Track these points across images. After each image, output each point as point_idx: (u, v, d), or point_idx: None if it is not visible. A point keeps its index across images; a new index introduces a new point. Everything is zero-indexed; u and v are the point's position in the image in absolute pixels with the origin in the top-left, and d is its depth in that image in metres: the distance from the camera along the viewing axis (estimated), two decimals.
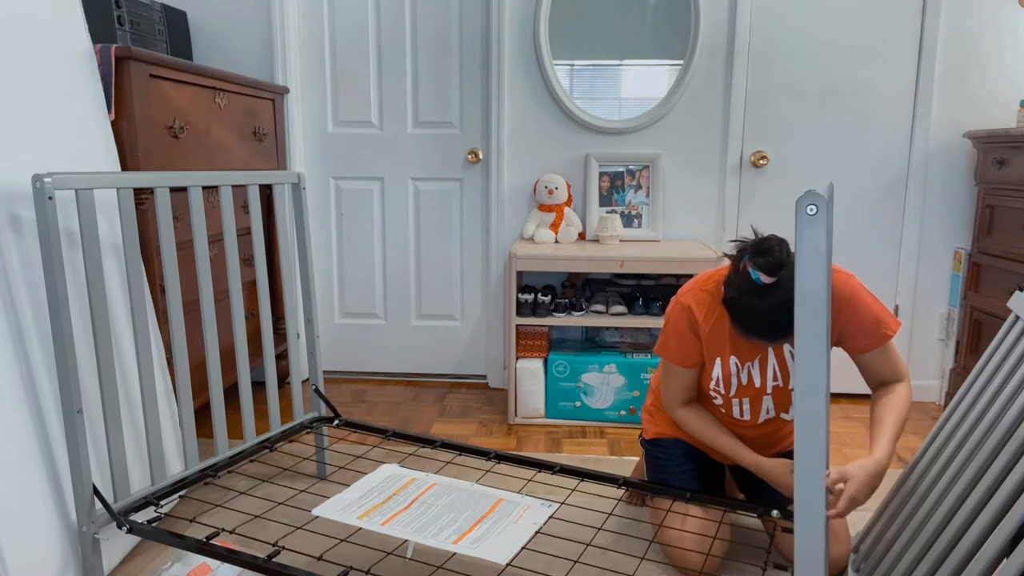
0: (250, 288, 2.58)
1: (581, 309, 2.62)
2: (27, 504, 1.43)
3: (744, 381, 1.63)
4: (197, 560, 1.50)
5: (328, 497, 1.63)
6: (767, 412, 1.67)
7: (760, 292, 1.41)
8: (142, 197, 1.92)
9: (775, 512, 1.61)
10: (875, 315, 1.52)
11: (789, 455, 1.76)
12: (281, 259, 2.01)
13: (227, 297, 2.38)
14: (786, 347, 1.62)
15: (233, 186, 2.25)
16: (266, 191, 2.73)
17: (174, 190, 2.05)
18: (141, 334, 1.60)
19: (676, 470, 1.75)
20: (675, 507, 1.69)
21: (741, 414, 1.68)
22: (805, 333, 0.79)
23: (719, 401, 1.68)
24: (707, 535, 1.62)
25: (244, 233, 2.58)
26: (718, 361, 1.63)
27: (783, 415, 1.68)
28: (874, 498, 2.01)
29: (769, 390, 1.64)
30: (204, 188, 2.25)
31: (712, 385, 1.66)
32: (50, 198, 1.37)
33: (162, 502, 1.61)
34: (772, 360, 1.62)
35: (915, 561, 1.29)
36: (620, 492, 2.04)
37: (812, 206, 0.77)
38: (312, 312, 2.04)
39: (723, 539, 1.66)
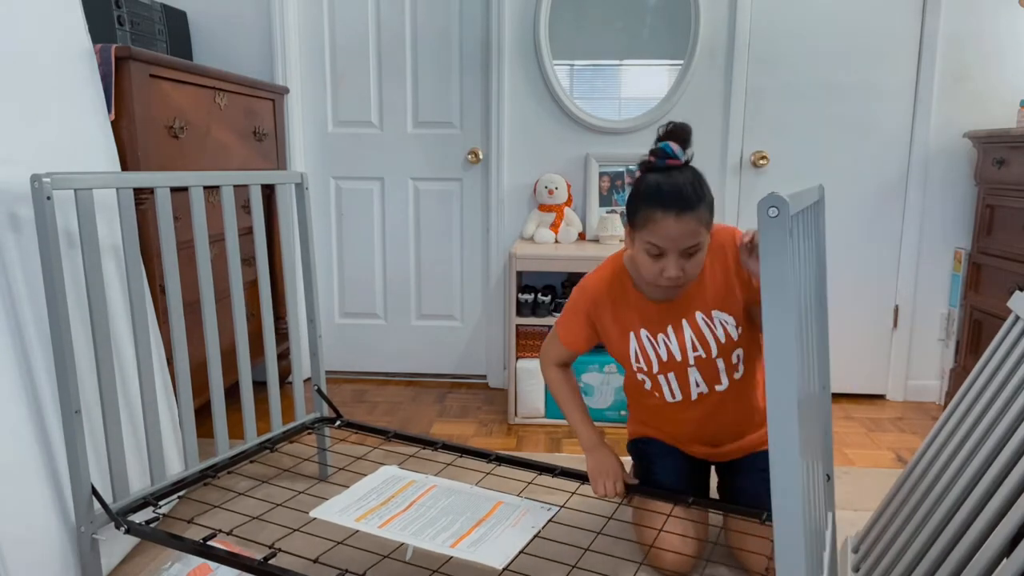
0: (250, 288, 2.58)
1: None
2: (26, 504, 1.43)
3: (664, 356, 1.62)
4: (196, 560, 1.50)
5: (327, 498, 1.63)
6: (697, 386, 1.64)
7: (668, 170, 1.47)
8: (142, 197, 1.92)
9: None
10: None
11: (756, 454, 1.73)
12: (283, 259, 2.01)
13: (226, 297, 2.38)
14: (698, 314, 1.60)
15: (234, 186, 2.25)
16: (266, 191, 2.73)
17: (174, 190, 2.05)
18: (141, 334, 1.60)
19: (659, 463, 1.74)
20: (658, 507, 1.67)
21: (672, 394, 1.66)
22: (775, 336, 0.78)
23: (648, 385, 1.67)
24: (688, 535, 1.61)
25: (243, 233, 2.58)
26: (631, 336, 1.64)
27: (717, 387, 1.64)
28: (874, 497, 2.01)
29: (692, 361, 1.62)
30: (204, 188, 2.25)
31: (634, 364, 1.66)
32: (48, 198, 1.37)
33: (161, 503, 1.61)
34: (688, 331, 1.61)
35: (915, 561, 1.28)
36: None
37: (773, 208, 0.76)
38: (314, 312, 2.04)
39: (701, 539, 1.64)
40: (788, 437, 0.77)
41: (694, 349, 1.61)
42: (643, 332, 1.63)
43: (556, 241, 2.75)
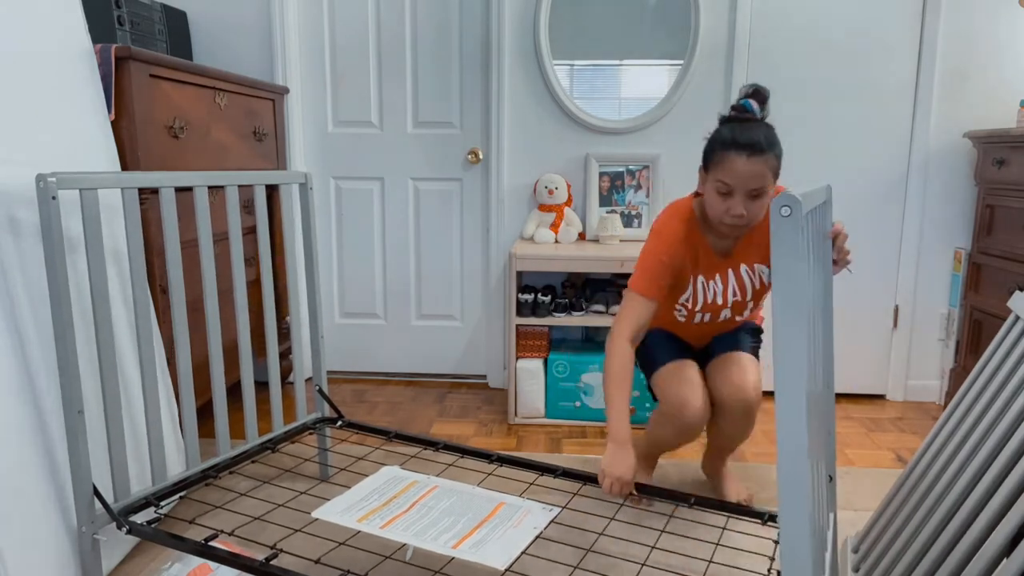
0: (250, 288, 2.58)
1: (581, 309, 2.62)
2: (27, 504, 1.43)
3: (709, 299, 1.83)
4: (197, 560, 1.50)
5: (329, 499, 1.63)
6: (723, 317, 1.88)
7: (745, 122, 1.62)
8: (142, 198, 1.92)
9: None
10: None
11: (733, 336, 1.93)
12: (286, 259, 2.00)
13: (227, 297, 2.38)
14: (743, 266, 1.81)
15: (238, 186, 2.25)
16: (267, 191, 2.72)
17: (175, 190, 2.05)
18: (143, 334, 1.60)
19: (664, 341, 1.91)
20: (682, 369, 1.81)
21: (702, 321, 1.89)
22: (786, 335, 0.79)
23: (683, 316, 1.88)
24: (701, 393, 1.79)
25: (245, 233, 2.58)
26: (690, 279, 1.81)
27: (738, 317, 1.89)
28: (874, 497, 2.01)
29: (729, 303, 1.84)
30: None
31: (681, 300, 1.84)
32: (53, 198, 1.37)
33: (162, 503, 1.61)
34: (732, 280, 1.82)
35: (915, 561, 1.29)
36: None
37: (786, 207, 0.77)
38: (316, 312, 2.04)
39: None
40: (797, 436, 0.77)
41: (734, 295, 1.83)
42: (700, 278, 1.81)
43: (556, 241, 2.75)
